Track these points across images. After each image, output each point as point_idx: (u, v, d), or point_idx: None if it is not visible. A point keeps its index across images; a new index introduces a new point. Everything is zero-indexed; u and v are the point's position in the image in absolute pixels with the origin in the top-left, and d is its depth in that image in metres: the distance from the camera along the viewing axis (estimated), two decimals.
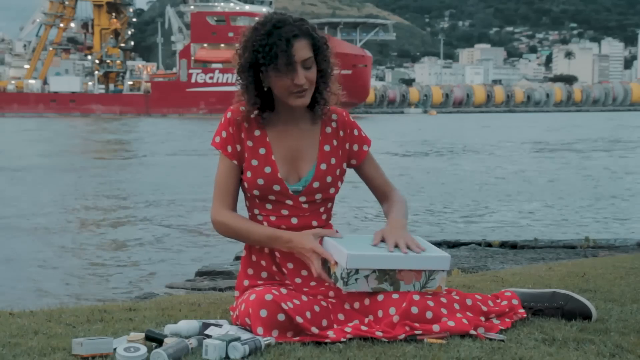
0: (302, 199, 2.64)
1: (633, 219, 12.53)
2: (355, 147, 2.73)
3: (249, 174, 2.63)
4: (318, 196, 2.65)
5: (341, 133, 2.72)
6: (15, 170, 21.72)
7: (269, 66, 2.52)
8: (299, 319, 2.38)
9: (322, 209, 2.69)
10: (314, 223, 2.66)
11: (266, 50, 2.51)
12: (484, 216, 12.95)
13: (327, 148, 2.68)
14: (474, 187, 17.54)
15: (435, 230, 11.18)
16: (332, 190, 2.68)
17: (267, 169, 2.62)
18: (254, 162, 2.63)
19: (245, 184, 2.65)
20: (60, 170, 22.35)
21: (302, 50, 2.54)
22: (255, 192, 2.64)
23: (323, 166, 2.65)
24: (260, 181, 2.61)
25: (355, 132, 2.74)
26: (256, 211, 2.68)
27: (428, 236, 9.67)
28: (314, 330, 2.39)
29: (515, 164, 23.77)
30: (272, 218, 2.65)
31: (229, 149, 2.64)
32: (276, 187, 2.61)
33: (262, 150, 2.63)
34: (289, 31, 2.52)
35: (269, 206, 2.65)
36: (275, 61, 2.50)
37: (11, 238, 10.87)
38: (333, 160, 2.68)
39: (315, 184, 2.64)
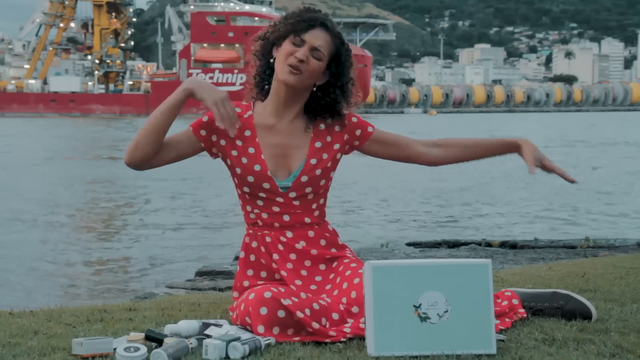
0: (292, 194, 2.65)
1: (633, 218, 12.52)
2: (358, 132, 2.73)
3: (238, 170, 2.66)
4: (308, 190, 2.66)
5: (337, 128, 2.72)
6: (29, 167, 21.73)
7: (289, 36, 2.60)
8: (299, 314, 2.37)
9: (314, 205, 2.69)
10: (307, 220, 2.67)
11: (295, 20, 2.61)
12: (484, 216, 12.94)
13: (318, 144, 2.69)
14: (475, 186, 17.54)
15: (435, 230, 11.17)
16: (322, 182, 2.68)
17: (257, 167, 2.64)
18: (244, 160, 2.65)
19: (236, 180, 2.69)
20: (66, 168, 22.37)
21: (320, 38, 2.60)
22: (246, 189, 2.67)
23: (313, 161, 2.66)
24: (250, 178, 2.64)
25: (354, 119, 2.74)
26: (248, 208, 2.70)
27: (428, 236, 9.68)
28: (315, 325, 2.38)
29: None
30: (264, 215, 2.66)
31: (203, 132, 2.66)
32: (266, 185, 2.64)
33: (251, 150, 2.66)
34: (322, 18, 2.63)
35: (260, 202, 2.67)
36: (295, 29, 2.59)
37: (11, 237, 10.87)
38: (325, 155, 2.68)
39: (304, 178, 2.64)
